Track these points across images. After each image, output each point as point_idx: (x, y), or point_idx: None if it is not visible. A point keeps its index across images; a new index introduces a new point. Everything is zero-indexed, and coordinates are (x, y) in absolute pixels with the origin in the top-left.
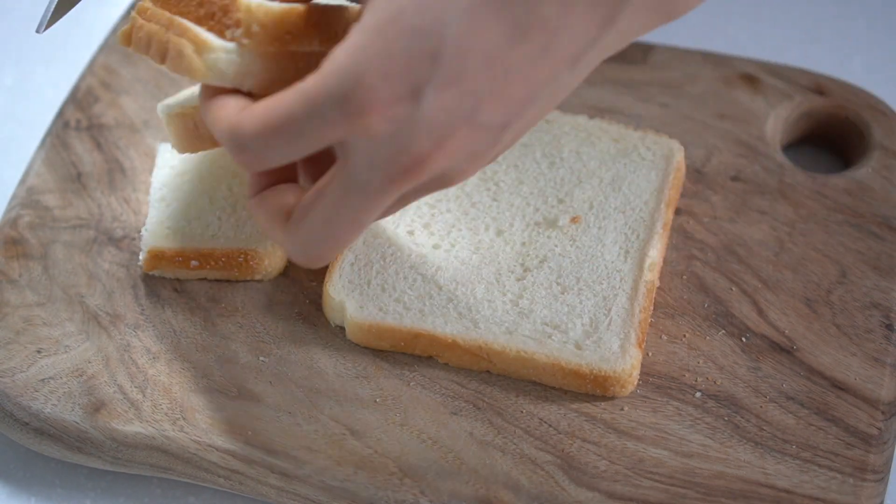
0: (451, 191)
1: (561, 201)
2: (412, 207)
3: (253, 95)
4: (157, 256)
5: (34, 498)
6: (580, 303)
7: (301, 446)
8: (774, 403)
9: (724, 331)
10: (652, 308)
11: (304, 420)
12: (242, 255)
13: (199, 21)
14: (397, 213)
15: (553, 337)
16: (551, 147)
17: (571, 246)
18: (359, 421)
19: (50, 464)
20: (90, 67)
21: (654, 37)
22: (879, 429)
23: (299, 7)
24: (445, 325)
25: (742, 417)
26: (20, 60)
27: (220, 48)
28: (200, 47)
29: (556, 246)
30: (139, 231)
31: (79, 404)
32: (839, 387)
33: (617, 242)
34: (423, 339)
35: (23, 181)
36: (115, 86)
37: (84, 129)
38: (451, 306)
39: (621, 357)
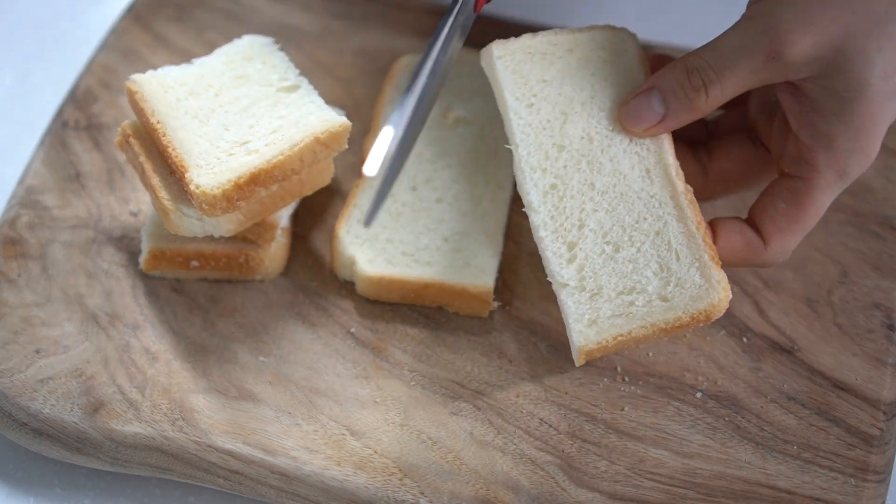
0: (452, 147)
1: (560, 147)
2: (414, 164)
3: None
4: (157, 256)
5: (33, 498)
6: (638, 252)
7: (301, 446)
8: (775, 404)
9: (724, 331)
10: (702, 215)
11: (304, 420)
12: (243, 256)
13: (169, 173)
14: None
15: (636, 303)
16: (518, 87)
17: (597, 194)
18: (359, 421)
19: (49, 464)
20: (89, 67)
21: (655, 36)
22: (881, 429)
23: (243, 177)
24: (453, 273)
25: (743, 418)
26: (20, 60)
27: (184, 215)
28: (165, 214)
29: (589, 200)
30: (138, 231)
31: (78, 405)
32: (840, 387)
33: (634, 166)
34: (433, 289)
35: (22, 181)
36: (113, 85)
37: (83, 129)
38: (459, 256)
39: (709, 287)
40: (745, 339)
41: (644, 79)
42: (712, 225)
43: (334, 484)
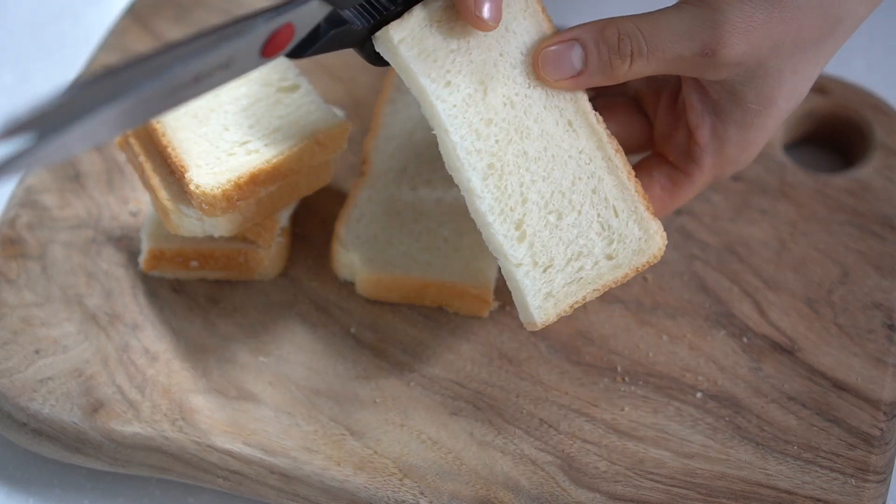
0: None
1: (488, 121)
2: (414, 164)
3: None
4: (156, 256)
5: (32, 499)
6: (579, 215)
7: (301, 446)
8: (776, 404)
9: (725, 331)
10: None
11: (304, 420)
12: (242, 256)
13: (168, 173)
14: (400, 171)
15: (584, 267)
16: (429, 67)
17: (532, 163)
18: (358, 421)
19: (48, 464)
20: (89, 67)
21: None
22: (881, 429)
23: (243, 177)
24: (453, 274)
25: (743, 418)
26: (20, 60)
27: (184, 215)
28: (165, 214)
29: (526, 172)
30: (138, 231)
31: (77, 405)
32: (841, 387)
33: (557, 121)
34: (433, 289)
35: (21, 181)
36: None
37: None
38: (459, 256)
39: (648, 239)
40: (745, 340)
41: (542, 14)
42: None
43: (334, 484)
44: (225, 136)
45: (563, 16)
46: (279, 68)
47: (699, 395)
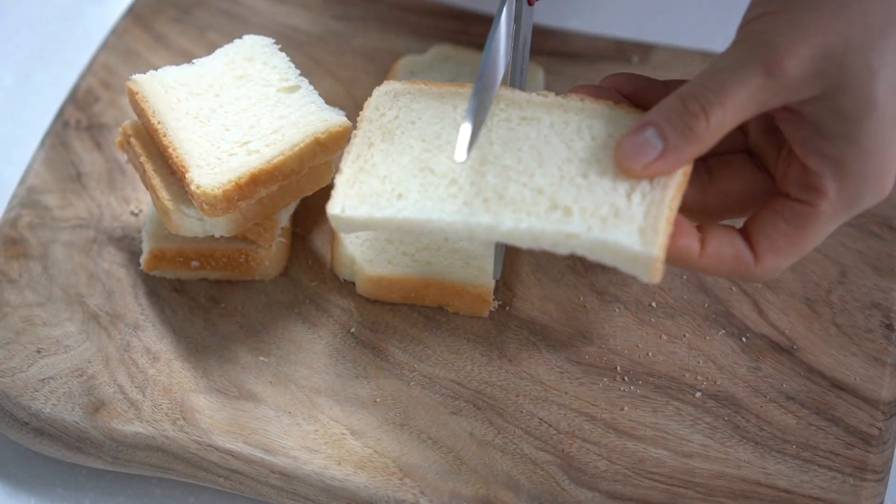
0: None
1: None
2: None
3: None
4: (157, 257)
5: (34, 498)
6: (599, 162)
7: (301, 446)
8: (774, 403)
9: (724, 331)
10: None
11: (304, 420)
12: (243, 256)
13: (169, 173)
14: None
15: (645, 191)
16: (385, 217)
17: (518, 166)
18: (359, 421)
19: (50, 463)
20: (90, 67)
21: (654, 37)
22: (879, 429)
23: (244, 177)
24: (453, 273)
25: (742, 417)
26: (20, 60)
27: (185, 215)
28: (166, 214)
29: (522, 175)
30: (139, 231)
31: (79, 404)
32: (839, 387)
33: (511, 127)
34: (433, 289)
35: (23, 181)
36: (114, 85)
37: (84, 129)
38: (459, 256)
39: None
40: (744, 339)
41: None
42: (702, 230)
43: (334, 483)
44: (226, 137)
45: (564, 16)
46: (280, 69)
47: (698, 394)
